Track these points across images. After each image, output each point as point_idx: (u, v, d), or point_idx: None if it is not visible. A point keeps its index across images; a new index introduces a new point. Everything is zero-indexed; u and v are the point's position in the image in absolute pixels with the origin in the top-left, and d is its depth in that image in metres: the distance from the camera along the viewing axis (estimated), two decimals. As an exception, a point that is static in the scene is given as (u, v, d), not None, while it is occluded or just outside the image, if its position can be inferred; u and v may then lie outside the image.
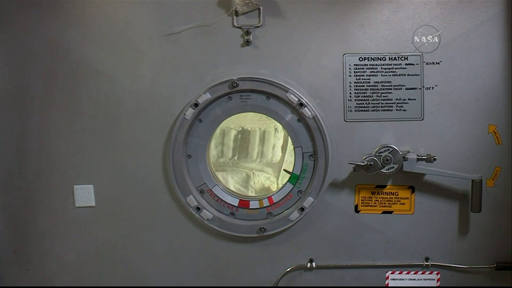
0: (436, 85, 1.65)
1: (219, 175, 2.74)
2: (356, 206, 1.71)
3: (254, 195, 2.68)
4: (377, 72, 1.65)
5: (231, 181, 2.75)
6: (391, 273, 1.73)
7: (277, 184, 2.79)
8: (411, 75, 1.65)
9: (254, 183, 2.78)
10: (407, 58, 1.65)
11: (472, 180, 1.62)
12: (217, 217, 1.71)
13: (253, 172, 2.85)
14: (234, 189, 2.64)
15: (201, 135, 1.70)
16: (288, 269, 1.74)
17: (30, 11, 1.64)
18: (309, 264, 1.73)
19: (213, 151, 2.84)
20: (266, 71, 1.65)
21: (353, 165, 1.64)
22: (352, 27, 1.64)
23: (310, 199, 1.68)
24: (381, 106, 1.66)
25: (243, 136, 2.88)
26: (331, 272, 1.74)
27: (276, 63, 1.66)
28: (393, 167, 1.63)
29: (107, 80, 1.67)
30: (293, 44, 1.65)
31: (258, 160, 2.92)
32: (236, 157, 2.93)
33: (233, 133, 2.86)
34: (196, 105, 1.65)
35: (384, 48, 1.65)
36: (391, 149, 1.64)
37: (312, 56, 1.65)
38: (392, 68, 1.65)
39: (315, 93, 1.66)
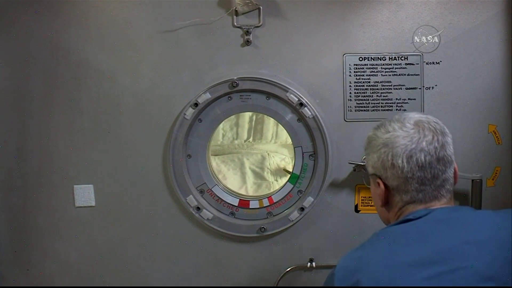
0: (436, 85, 1.65)
1: (235, 157, 2.75)
2: (356, 206, 1.71)
3: (270, 176, 2.68)
4: (377, 72, 1.66)
5: (247, 163, 2.74)
6: (391, 273, 1.73)
7: (292, 164, 2.80)
8: (411, 75, 1.65)
9: (269, 164, 2.77)
10: (407, 58, 1.65)
11: (472, 180, 1.62)
12: (217, 217, 1.71)
13: (268, 153, 2.84)
14: (249, 171, 2.64)
15: (201, 135, 1.70)
16: (288, 269, 1.74)
17: (30, 11, 1.64)
18: (309, 264, 1.73)
19: (228, 133, 2.84)
20: (266, 71, 1.65)
21: (353, 165, 1.64)
22: (352, 27, 1.64)
23: (310, 199, 1.68)
24: (381, 106, 1.66)
25: (258, 117, 2.87)
26: (331, 272, 1.74)
27: (276, 63, 1.66)
28: (393, 167, 1.63)
29: (107, 80, 1.67)
30: (293, 44, 1.65)
31: (273, 141, 2.90)
32: (251, 139, 2.93)
33: (247, 114, 2.84)
34: (196, 105, 1.65)
35: (384, 48, 1.65)
36: (391, 149, 1.63)
37: (312, 56, 1.65)
38: (392, 68, 1.65)
39: (315, 93, 1.66)
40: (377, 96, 1.66)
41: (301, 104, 1.64)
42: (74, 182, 1.71)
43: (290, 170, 1.73)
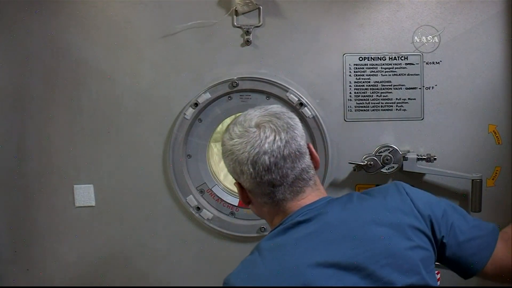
0: (436, 85, 1.65)
1: None
2: (356, 206, 1.71)
3: None
4: (377, 72, 1.66)
5: None
6: (391, 273, 1.73)
7: None
8: (411, 75, 1.65)
9: None
10: (407, 58, 1.65)
11: (472, 180, 1.62)
12: (217, 217, 1.71)
13: None
14: None
15: (201, 135, 1.70)
16: (288, 269, 1.73)
17: (30, 11, 1.64)
18: (309, 264, 1.72)
19: (227, 120, 2.86)
20: (266, 71, 1.65)
21: (353, 165, 1.64)
22: (352, 27, 1.64)
23: (310, 199, 1.67)
24: (381, 106, 1.66)
25: None
26: (331, 272, 1.74)
27: (276, 63, 1.66)
28: (393, 167, 1.63)
29: (107, 80, 1.67)
30: (293, 44, 1.65)
31: None
32: None
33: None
34: (196, 104, 1.65)
35: (384, 48, 1.65)
36: (391, 149, 1.64)
37: (312, 56, 1.65)
38: (392, 68, 1.65)
39: (315, 93, 1.66)
40: (377, 96, 1.66)
41: (301, 104, 1.64)
42: (74, 182, 1.71)
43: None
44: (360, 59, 1.65)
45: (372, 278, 1.00)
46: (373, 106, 1.67)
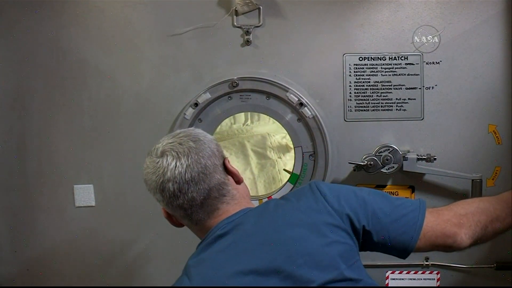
0: (436, 85, 1.65)
1: (235, 141, 2.77)
2: (356, 206, 1.71)
3: (273, 154, 2.69)
4: (377, 71, 1.66)
5: (248, 145, 2.75)
6: (391, 273, 1.73)
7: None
8: (411, 75, 1.65)
9: (271, 143, 2.78)
10: (407, 58, 1.65)
11: (472, 180, 1.62)
12: (217, 217, 1.71)
13: (268, 134, 2.85)
14: (252, 152, 2.64)
15: (201, 135, 1.69)
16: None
17: (30, 11, 1.65)
18: (309, 264, 1.72)
19: (225, 119, 2.88)
20: (266, 71, 1.65)
21: (353, 165, 1.64)
22: (352, 27, 1.64)
23: (310, 199, 1.67)
24: (381, 106, 1.67)
25: None
26: (331, 272, 1.74)
27: (276, 63, 1.66)
28: (393, 167, 1.63)
29: (107, 80, 1.67)
30: (293, 44, 1.65)
31: (271, 122, 2.91)
32: (249, 121, 2.94)
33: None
34: (196, 104, 1.65)
35: (384, 48, 1.65)
36: (391, 149, 1.64)
37: (312, 56, 1.65)
38: (392, 68, 1.65)
39: (315, 93, 1.66)
40: (377, 96, 1.66)
41: (301, 104, 1.64)
42: (74, 182, 1.71)
43: (290, 170, 1.74)
44: (360, 59, 1.65)
45: (292, 279, 1.02)
46: (373, 106, 1.67)
